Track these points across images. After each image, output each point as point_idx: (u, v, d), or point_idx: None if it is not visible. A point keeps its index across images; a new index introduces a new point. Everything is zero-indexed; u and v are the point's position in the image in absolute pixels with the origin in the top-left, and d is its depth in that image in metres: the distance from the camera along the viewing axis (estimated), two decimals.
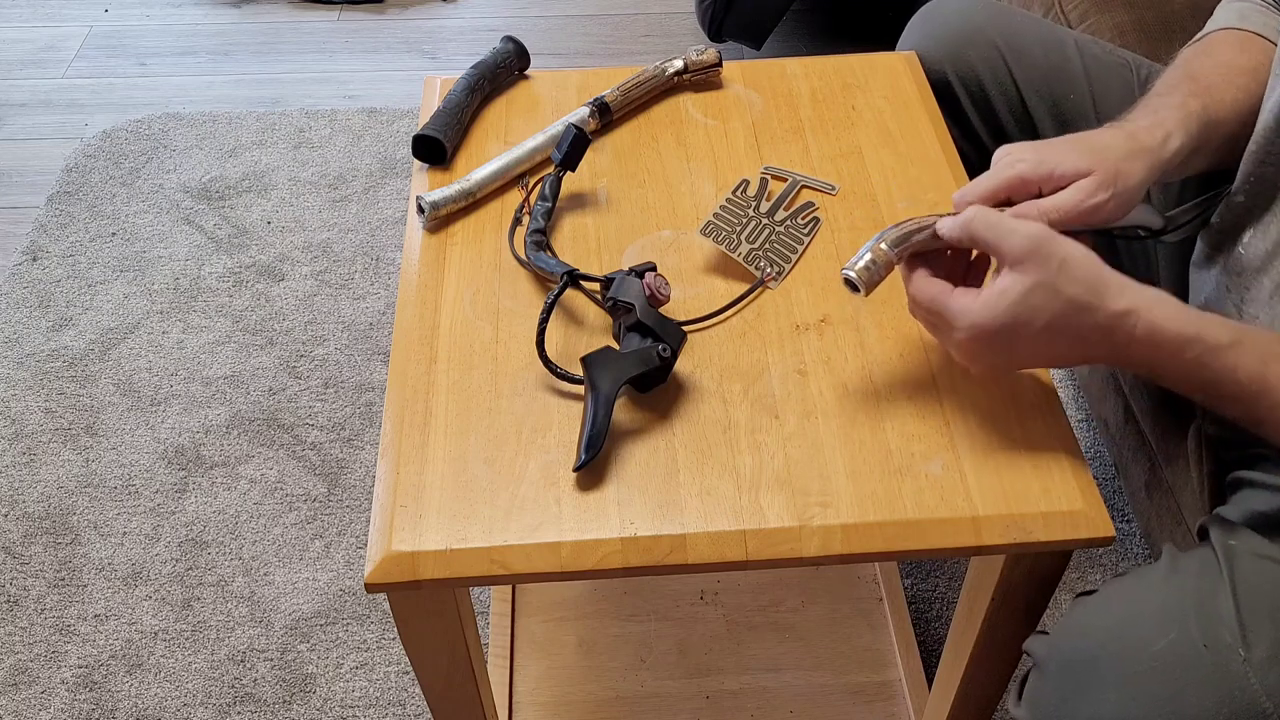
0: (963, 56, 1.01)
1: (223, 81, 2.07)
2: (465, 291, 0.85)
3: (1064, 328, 0.66)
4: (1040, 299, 0.65)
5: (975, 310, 0.67)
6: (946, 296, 0.68)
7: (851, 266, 0.71)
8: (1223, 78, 0.81)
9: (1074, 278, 0.65)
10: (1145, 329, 0.65)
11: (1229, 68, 0.82)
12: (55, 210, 1.78)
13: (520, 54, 1.04)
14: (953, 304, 0.68)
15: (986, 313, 0.66)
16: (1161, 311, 0.65)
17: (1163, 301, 0.66)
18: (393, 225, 1.74)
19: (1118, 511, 1.33)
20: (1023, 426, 0.75)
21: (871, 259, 0.71)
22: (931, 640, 1.22)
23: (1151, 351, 0.66)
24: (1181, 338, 0.65)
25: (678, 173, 0.95)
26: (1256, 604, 0.63)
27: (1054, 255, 0.65)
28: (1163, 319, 0.65)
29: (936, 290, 0.69)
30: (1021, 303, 0.65)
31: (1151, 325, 0.65)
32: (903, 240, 0.72)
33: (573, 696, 1.13)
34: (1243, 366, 0.65)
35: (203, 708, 1.20)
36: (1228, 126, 0.80)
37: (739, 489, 0.72)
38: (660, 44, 2.12)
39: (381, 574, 0.69)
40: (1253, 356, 0.64)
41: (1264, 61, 0.82)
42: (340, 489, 1.39)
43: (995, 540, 0.70)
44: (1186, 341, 0.65)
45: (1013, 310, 0.66)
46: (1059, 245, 0.65)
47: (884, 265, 0.71)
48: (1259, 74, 0.81)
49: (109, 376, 1.53)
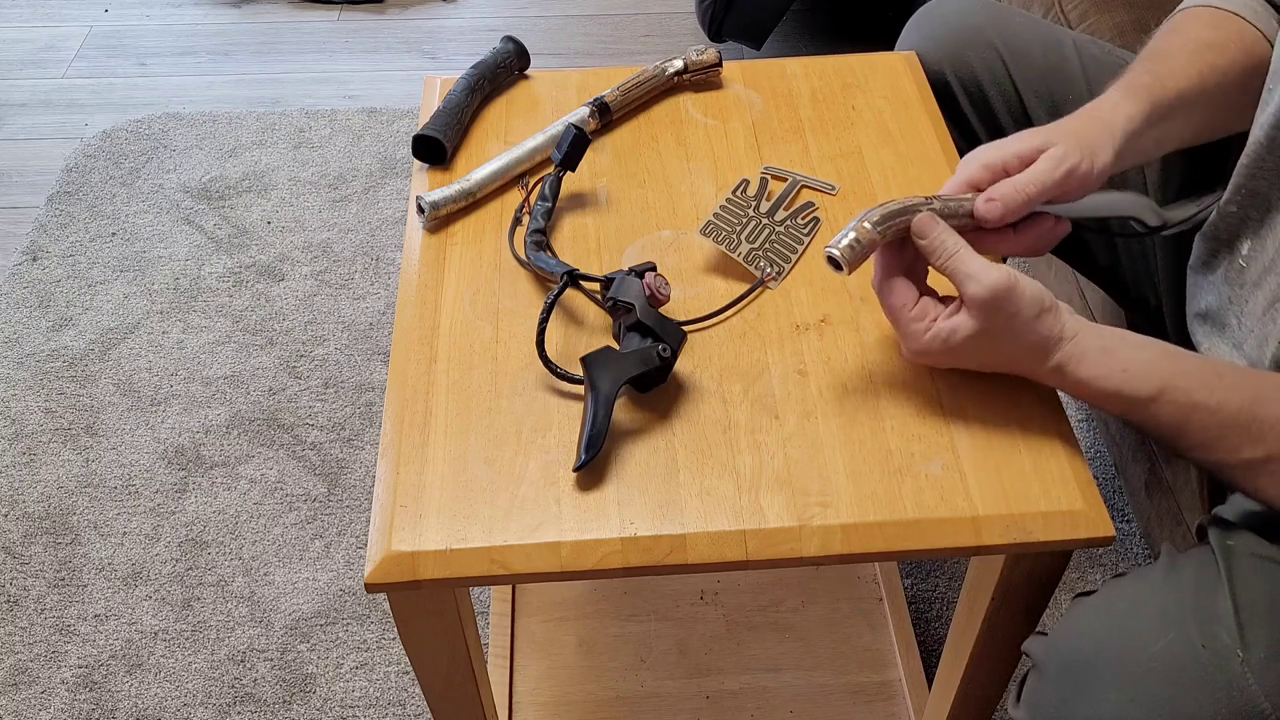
0: (961, 57, 1.01)
1: (223, 81, 2.07)
2: (465, 291, 0.85)
3: (1002, 365, 0.74)
4: (984, 345, 0.71)
5: (925, 340, 0.72)
6: (904, 314, 0.73)
7: (835, 244, 0.71)
8: (1184, 51, 0.82)
9: (1018, 335, 0.70)
10: (1072, 382, 0.71)
11: (1195, 43, 0.83)
12: (55, 210, 1.78)
13: (520, 54, 1.04)
14: (907, 326, 0.73)
15: (933, 344, 0.72)
16: (1087, 368, 0.70)
17: (1093, 355, 0.70)
18: (393, 225, 1.74)
19: (1118, 511, 1.33)
20: (1023, 426, 0.75)
21: (855, 238, 0.71)
22: (931, 640, 1.22)
23: (1080, 397, 0.72)
24: (1103, 393, 0.70)
25: (678, 173, 0.95)
26: (1255, 604, 0.63)
27: (1004, 311, 0.69)
28: (1088, 375, 0.70)
29: (898, 303, 0.73)
30: (965, 345, 0.71)
31: (1077, 380, 0.71)
32: (887, 220, 0.72)
33: (573, 696, 1.13)
34: (1163, 417, 0.69)
35: (203, 708, 1.20)
36: (1188, 99, 0.81)
37: (739, 489, 0.72)
38: (660, 44, 2.12)
39: (381, 574, 0.69)
40: (1171, 409, 0.69)
41: (1232, 38, 0.82)
42: (340, 489, 1.39)
43: (995, 540, 0.70)
44: (1107, 396, 0.70)
45: (956, 349, 0.72)
46: (1012, 301, 0.69)
47: (868, 245, 0.71)
48: (1226, 50, 0.82)
49: (109, 376, 1.53)
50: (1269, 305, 0.77)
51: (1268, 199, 0.78)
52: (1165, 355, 0.71)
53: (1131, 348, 0.70)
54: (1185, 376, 0.69)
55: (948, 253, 0.71)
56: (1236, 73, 0.82)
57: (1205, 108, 0.82)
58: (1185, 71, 0.81)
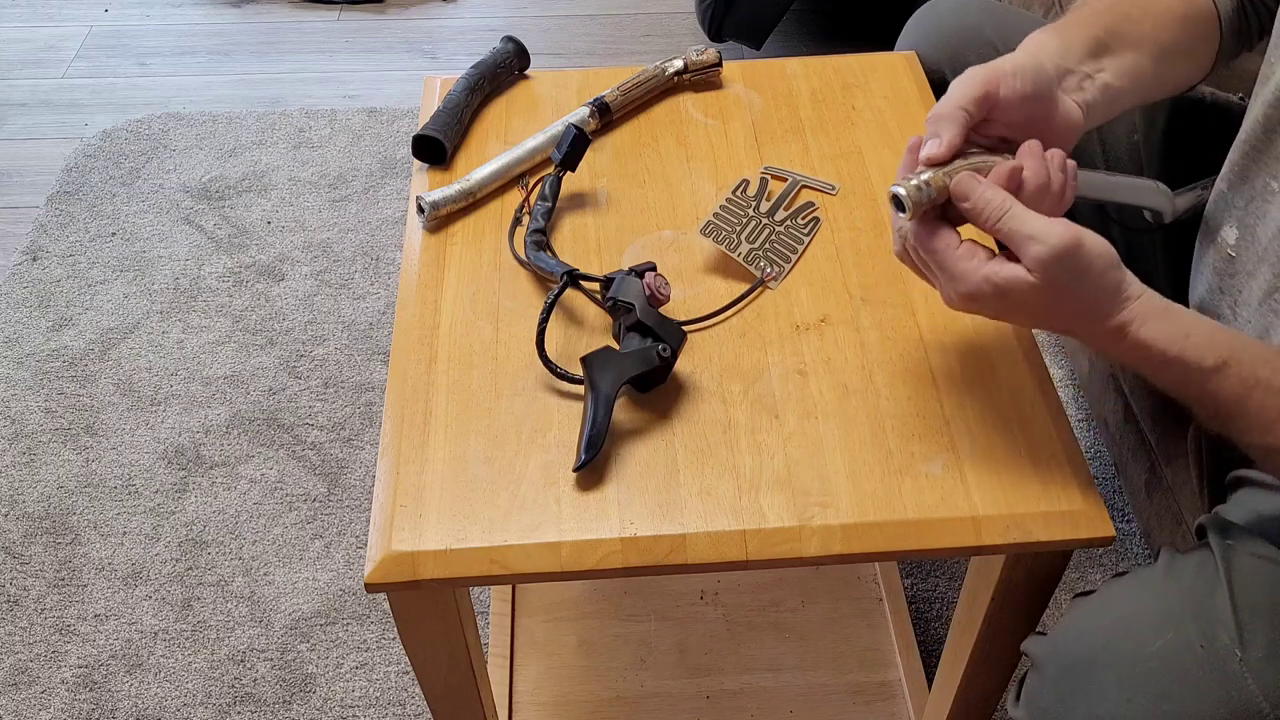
0: (961, 56, 1.01)
1: (223, 81, 2.07)
2: (465, 291, 0.85)
3: (1058, 324, 0.67)
4: (1044, 302, 0.65)
5: (976, 281, 0.65)
6: (950, 254, 0.66)
7: (903, 183, 0.66)
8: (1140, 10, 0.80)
9: (1083, 294, 0.65)
10: (1131, 344, 0.65)
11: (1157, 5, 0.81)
12: (55, 210, 1.78)
13: (520, 54, 1.04)
14: (954, 265, 0.66)
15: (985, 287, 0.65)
16: (1151, 329, 0.65)
17: (1157, 316, 0.65)
18: (393, 225, 1.74)
19: (1118, 511, 1.33)
20: (1023, 426, 0.75)
21: (928, 179, 0.66)
22: (931, 640, 1.22)
23: (1136, 362, 0.67)
24: (1164, 358, 0.65)
25: (678, 173, 0.95)
26: (1254, 604, 0.63)
27: (1071, 270, 0.64)
28: (1150, 336, 0.65)
29: (942, 245, 0.67)
30: (1022, 298, 0.65)
31: (1138, 342, 0.65)
32: (955, 169, 0.67)
33: (573, 696, 1.13)
34: (1223, 391, 0.65)
35: (203, 708, 1.20)
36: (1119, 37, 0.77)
37: (739, 489, 0.72)
38: (660, 44, 2.12)
39: (381, 574, 0.69)
40: (1234, 382, 0.64)
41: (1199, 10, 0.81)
42: (340, 489, 1.39)
43: (995, 540, 0.70)
44: (1167, 362, 0.65)
45: (1012, 299, 0.65)
46: (1081, 258, 0.63)
47: (937, 192, 0.66)
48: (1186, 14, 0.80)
49: (109, 376, 1.53)
50: (1266, 295, 0.77)
51: (1255, 182, 0.77)
52: (1225, 329, 0.67)
53: (1193, 315, 0.66)
54: (1248, 351, 0.65)
55: (998, 211, 0.65)
56: (1172, 17, 0.79)
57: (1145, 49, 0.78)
58: (1114, 9, 0.78)
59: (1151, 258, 1.00)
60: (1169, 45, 0.80)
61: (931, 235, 0.67)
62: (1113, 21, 0.78)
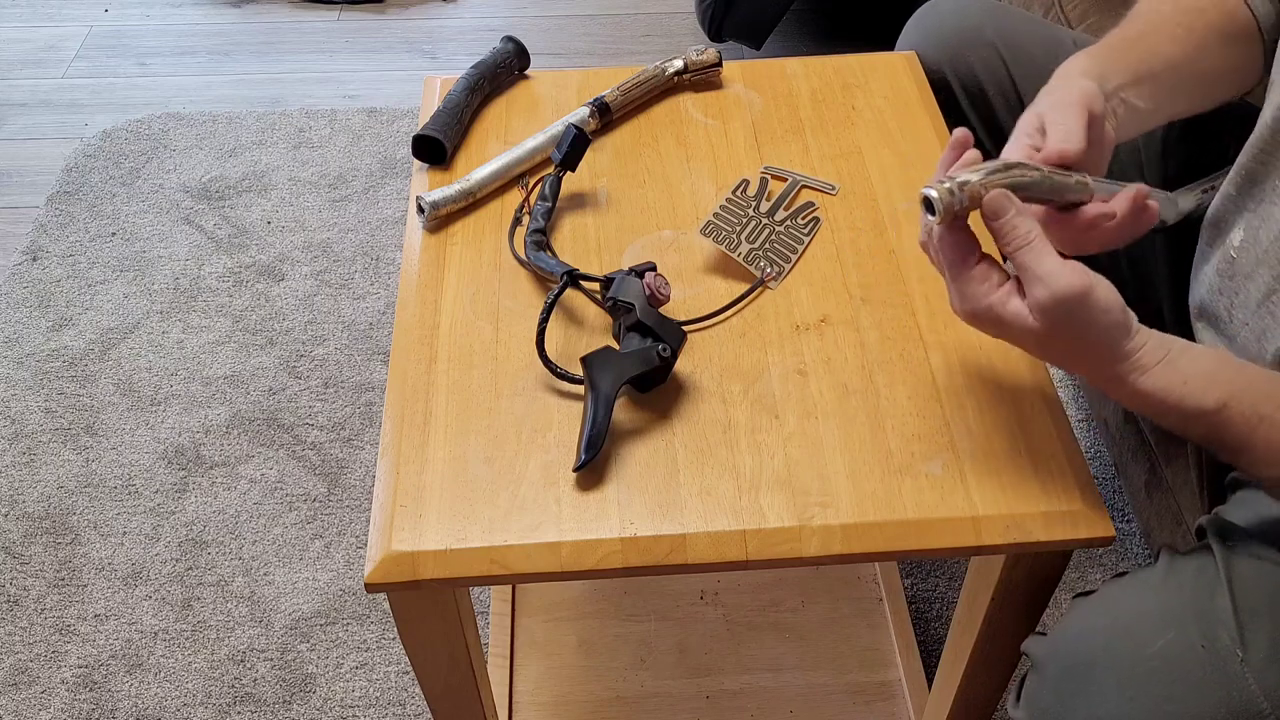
0: (961, 56, 1.01)
1: (223, 81, 2.07)
2: (465, 291, 0.85)
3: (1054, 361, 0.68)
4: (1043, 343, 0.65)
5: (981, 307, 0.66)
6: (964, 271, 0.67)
7: (937, 185, 0.64)
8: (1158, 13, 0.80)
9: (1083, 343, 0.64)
10: (1129, 393, 0.66)
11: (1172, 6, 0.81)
12: (55, 210, 1.78)
13: (520, 54, 1.04)
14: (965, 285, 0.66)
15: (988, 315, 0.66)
16: (1149, 380, 0.65)
17: (1156, 365, 0.65)
18: (393, 225, 1.74)
19: (1118, 511, 1.33)
20: (1023, 426, 0.75)
21: (963, 181, 0.64)
22: (931, 640, 1.22)
23: (1136, 408, 0.67)
24: (1164, 405, 0.65)
25: (678, 173, 0.95)
26: (1254, 605, 0.63)
27: (1073, 320, 0.63)
28: (1149, 388, 0.65)
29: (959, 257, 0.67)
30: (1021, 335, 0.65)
31: (1135, 392, 0.65)
32: (992, 173, 0.66)
33: (573, 696, 1.13)
34: (1228, 431, 0.65)
35: (203, 708, 1.20)
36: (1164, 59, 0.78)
37: (739, 489, 0.72)
38: (660, 44, 2.12)
39: (381, 574, 0.69)
40: (1238, 421, 0.64)
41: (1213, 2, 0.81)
42: (340, 489, 1.39)
43: (995, 540, 0.70)
44: (1168, 409, 0.65)
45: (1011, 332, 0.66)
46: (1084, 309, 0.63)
47: (970, 199, 0.65)
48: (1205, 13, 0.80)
49: (109, 376, 1.53)
50: (1264, 297, 0.77)
51: (1264, 184, 0.77)
52: (1227, 366, 0.67)
53: (1192, 358, 0.66)
54: (1250, 388, 0.65)
55: (1020, 241, 0.64)
56: (1215, 37, 0.80)
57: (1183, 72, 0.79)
58: (1157, 33, 0.79)
59: (1152, 258, 1.00)
60: (1208, 71, 0.81)
61: (953, 245, 0.66)
62: (1156, 44, 0.78)
